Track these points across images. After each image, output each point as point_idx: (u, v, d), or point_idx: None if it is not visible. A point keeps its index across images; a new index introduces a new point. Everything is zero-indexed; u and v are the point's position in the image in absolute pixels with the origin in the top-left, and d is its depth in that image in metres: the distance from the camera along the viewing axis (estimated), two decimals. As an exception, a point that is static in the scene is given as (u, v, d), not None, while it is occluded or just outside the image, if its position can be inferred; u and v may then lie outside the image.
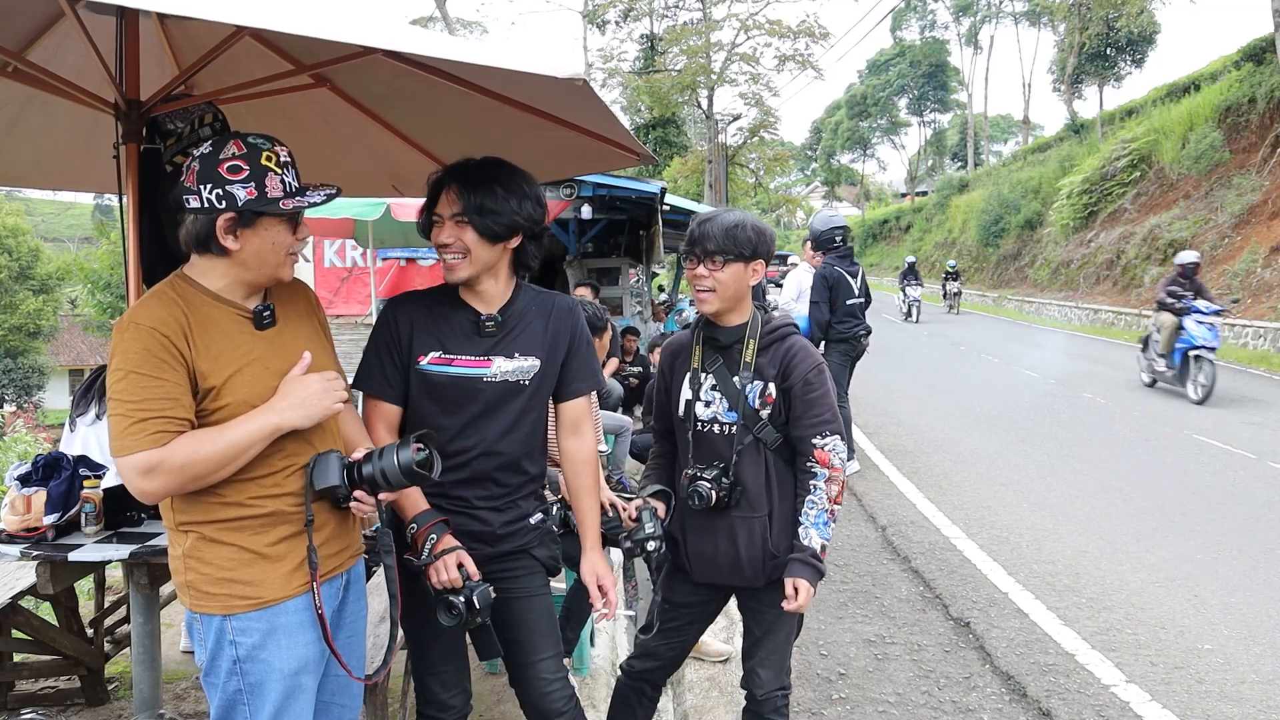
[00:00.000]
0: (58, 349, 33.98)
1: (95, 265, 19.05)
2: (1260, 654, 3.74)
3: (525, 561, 2.17)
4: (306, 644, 1.78)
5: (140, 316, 1.67)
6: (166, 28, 3.01)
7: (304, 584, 1.77)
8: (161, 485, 1.63)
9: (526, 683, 2.17)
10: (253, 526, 1.73)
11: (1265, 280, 15.01)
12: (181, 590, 1.77)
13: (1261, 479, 6.50)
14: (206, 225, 1.68)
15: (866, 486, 6.61)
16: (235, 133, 1.74)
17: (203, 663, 1.78)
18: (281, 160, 1.73)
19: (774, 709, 2.38)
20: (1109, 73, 32.72)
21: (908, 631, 4.09)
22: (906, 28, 49.72)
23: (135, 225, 2.76)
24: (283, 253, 1.76)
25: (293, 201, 1.72)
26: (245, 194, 1.67)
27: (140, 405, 1.62)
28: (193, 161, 1.70)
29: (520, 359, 2.05)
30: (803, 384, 2.22)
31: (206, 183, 1.67)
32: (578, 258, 11.31)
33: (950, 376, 12.42)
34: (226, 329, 1.73)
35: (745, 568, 2.27)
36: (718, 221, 2.19)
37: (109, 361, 1.69)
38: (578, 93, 2.06)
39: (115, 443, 1.63)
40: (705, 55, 29.50)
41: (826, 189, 60.17)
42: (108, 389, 1.66)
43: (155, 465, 1.61)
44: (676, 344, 2.42)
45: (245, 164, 1.68)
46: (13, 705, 3.25)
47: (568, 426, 2.18)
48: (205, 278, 1.75)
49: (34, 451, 10.38)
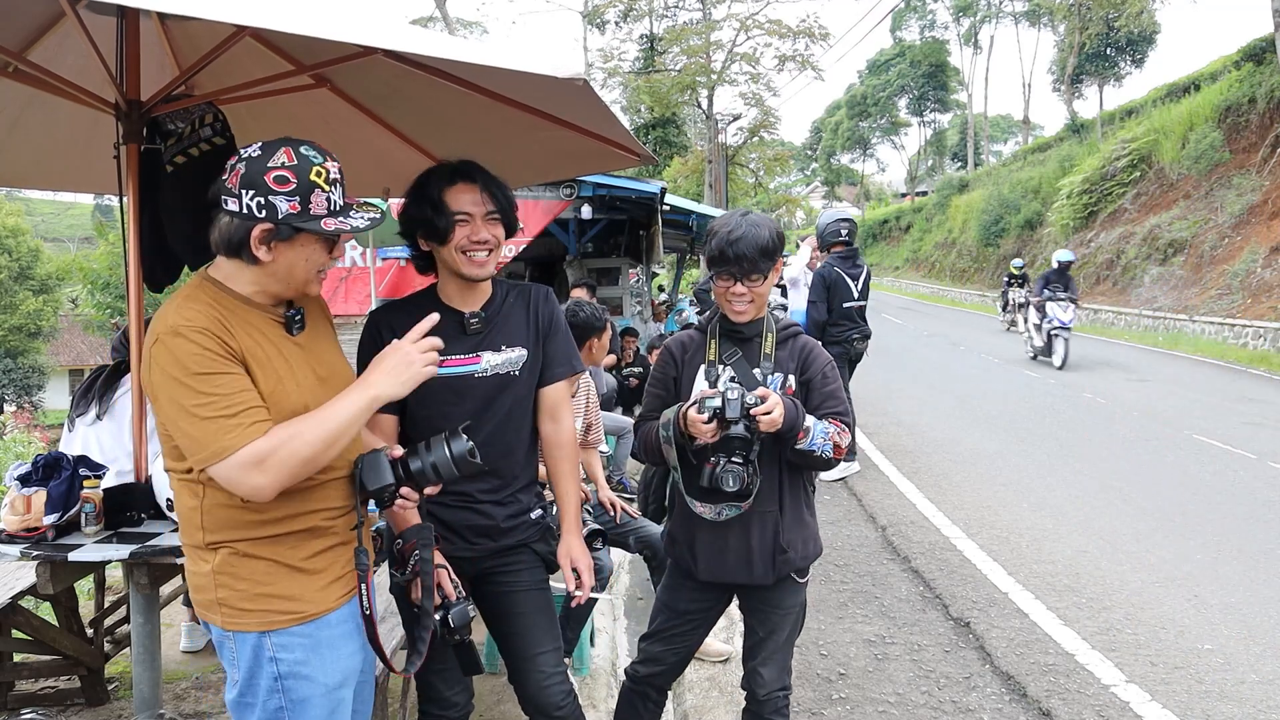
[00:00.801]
0: (58, 349, 33.99)
1: (95, 266, 19.02)
2: (1260, 654, 3.75)
3: (526, 556, 2.19)
4: (350, 655, 1.76)
5: (183, 321, 1.58)
6: (167, 28, 3.01)
7: (345, 595, 1.75)
8: (274, 478, 1.55)
9: (526, 676, 2.18)
10: (289, 540, 1.67)
11: (1265, 280, 15.01)
12: (210, 609, 1.68)
13: (1261, 479, 6.50)
14: (241, 232, 1.61)
15: (866, 486, 6.61)
16: (288, 139, 1.64)
17: (234, 683, 1.70)
18: (330, 176, 1.64)
19: (775, 709, 2.38)
20: (1109, 73, 32.77)
21: (908, 631, 4.09)
22: (906, 28, 49.71)
23: (135, 225, 2.76)
24: (314, 270, 1.70)
25: (335, 222, 1.64)
26: (288, 207, 1.60)
27: (225, 401, 1.54)
28: (239, 162, 1.61)
29: (508, 350, 2.10)
30: (820, 377, 2.30)
31: (249, 188, 1.59)
32: (577, 258, 11.31)
33: (950, 376, 12.41)
34: (266, 333, 1.68)
35: (756, 564, 2.28)
36: (749, 241, 2.16)
37: (147, 375, 1.60)
38: (578, 93, 2.07)
39: (208, 448, 1.53)
40: (705, 55, 29.51)
41: (826, 189, 60.18)
42: (164, 403, 1.57)
43: (266, 456, 1.54)
44: (685, 338, 2.42)
45: (293, 176, 1.60)
46: (13, 705, 3.25)
47: (546, 411, 2.20)
48: (233, 281, 1.68)
49: (29, 453, 10.38)
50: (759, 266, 2.17)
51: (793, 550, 2.28)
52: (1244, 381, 11.15)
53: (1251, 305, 14.69)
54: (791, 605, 2.37)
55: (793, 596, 2.36)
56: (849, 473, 6.86)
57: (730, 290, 2.22)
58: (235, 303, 1.66)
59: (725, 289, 2.22)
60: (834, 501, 6.29)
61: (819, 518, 2.48)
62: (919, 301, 30.64)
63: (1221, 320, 14.94)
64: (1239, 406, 9.45)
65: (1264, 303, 14.50)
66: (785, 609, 2.36)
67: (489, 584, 2.19)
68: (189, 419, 1.54)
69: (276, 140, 1.64)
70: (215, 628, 1.70)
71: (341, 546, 1.76)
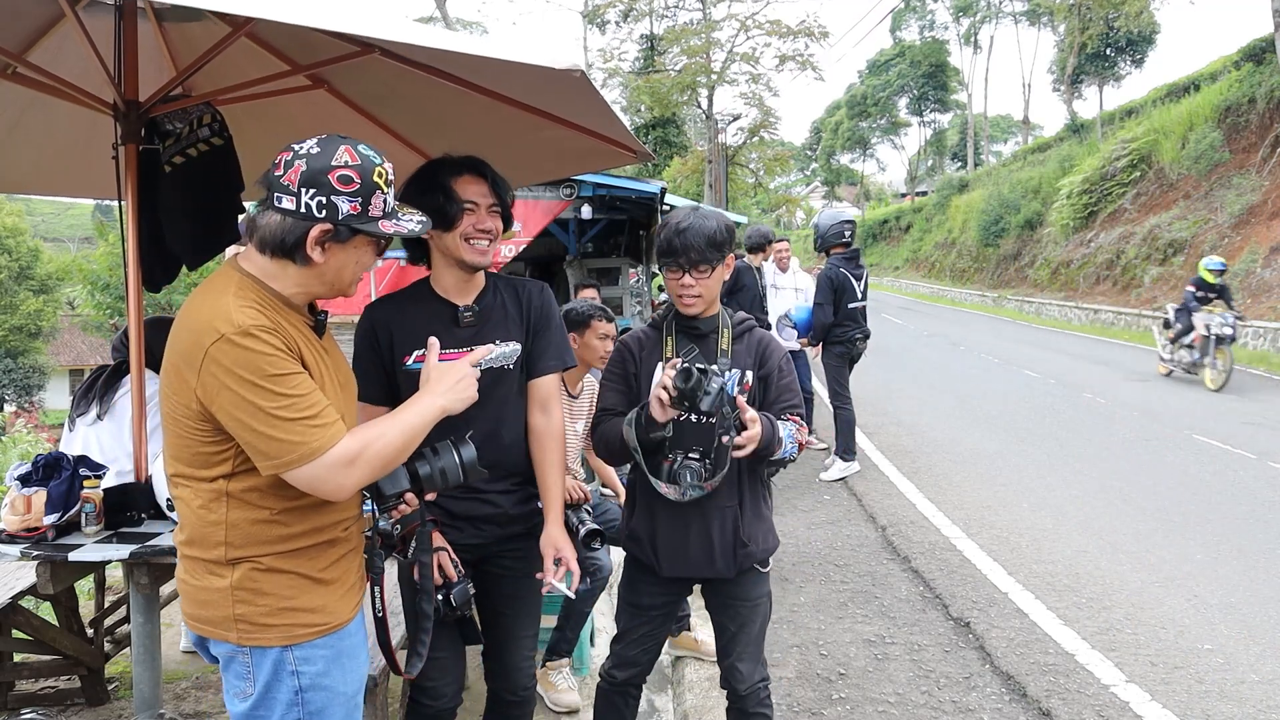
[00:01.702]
0: (58, 349, 34.00)
1: (95, 266, 19.00)
2: (1260, 654, 3.74)
3: (530, 544, 2.23)
4: (364, 662, 1.78)
5: (251, 322, 1.51)
6: (164, 29, 3.02)
7: (358, 603, 1.76)
8: (362, 475, 1.55)
9: (505, 655, 2.26)
10: (310, 553, 1.65)
11: (1265, 280, 15.02)
12: (222, 625, 1.61)
13: (1261, 479, 6.50)
14: (297, 232, 1.55)
15: (866, 486, 6.61)
16: (342, 137, 1.60)
17: (245, 696, 1.64)
18: (389, 178, 1.61)
19: (759, 701, 2.41)
20: (1109, 73, 32.75)
21: (908, 631, 4.09)
22: (906, 28, 49.72)
23: (135, 226, 2.76)
24: (361, 272, 1.67)
25: (392, 224, 1.62)
26: (349, 208, 1.56)
27: (306, 402, 1.51)
28: (296, 159, 1.55)
29: (502, 345, 2.13)
30: (778, 371, 2.30)
31: (310, 187, 1.53)
32: (578, 258, 11.32)
33: (950, 376, 12.41)
34: (306, 337, 1.65)
35: (717, 558, 2.28)
36: (697, 230, 2.19)
37: (205, 374, 1.50)
38: (575, 87, 2.07)
39: (297, 449, 1.49)
40: (705, 55, 29.51)
41: (826, 189, 60.16)
42: (232, 405, 1.49)
43: (357, 455, 1.53)
44: (640, 334, 2.41)
45: (358, 176, 1.56)
46: (13, 705, 3.25)
47: (537, 403, 2.22)
48: (273, 280, 1.61)
49: (34, 452, 10.37)
50: (706, 257, 2.18)
51: (754, 544, 2.31)
52: (1244, 381, 11.15)
53: (1251, 305, 14.69)
54: (759, 596, 2.38)
55: (758, 588, 2.37)
56: (849, 473, 6.85)
57: (679, 282, 2.23)
58: (276, 303, 1.61)
59: (675, 281, 2.24)
60: (834, 501, 6.29)
61: (819, 517, 2.49)
62: (918, 301, 30.64)
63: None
64: (1239, 406, 9.45)
65: (1264, 303, 14.51)
66: (753, 601, 2.37)
67: (492, 566, 2.24)
68: (269, 421, 1.49)
69: (333, 137, 1.59)
70: (225, 644, 1.63)
71: (352, 554, 1.76)
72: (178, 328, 1.57)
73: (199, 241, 3.09)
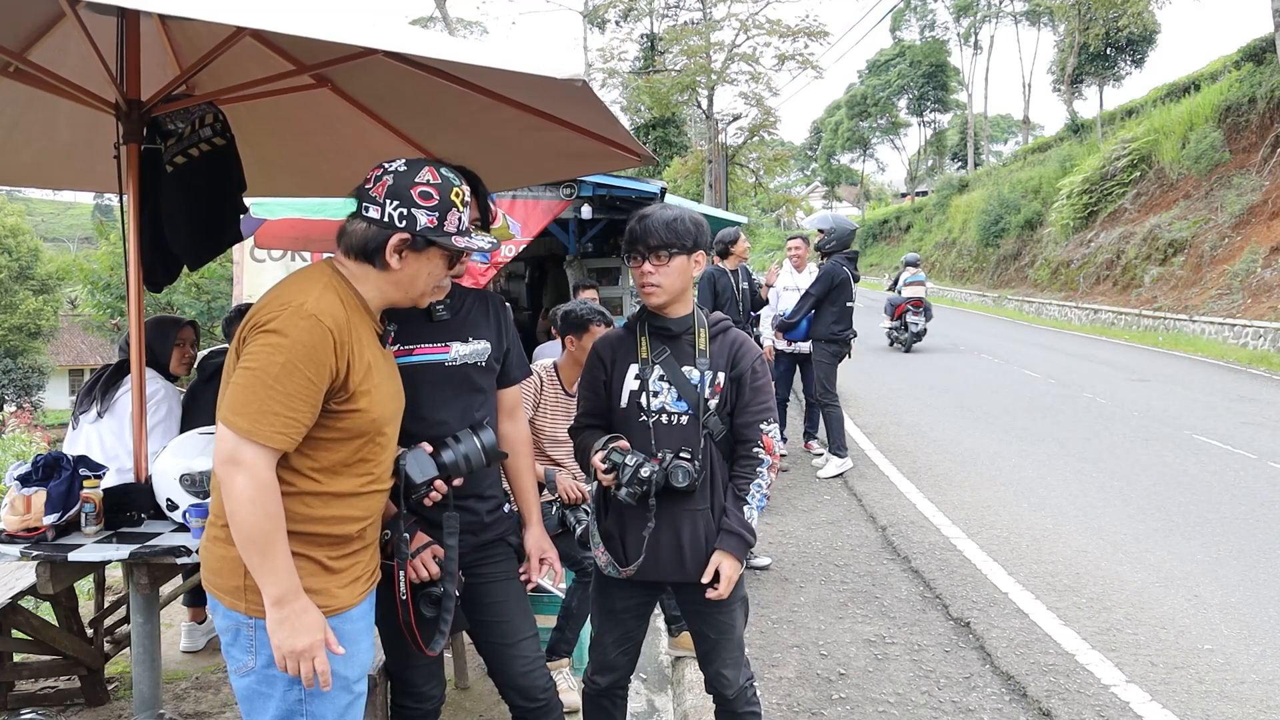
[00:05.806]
0: (58, 349, 34.01)
1: (95, 266, 18.99)
2: (1260, 654, 3.75)
3: (503, 549, 2.29)
4: (366, 651, 1.82)
5: (321, 309, 1.65)
6: (168, 28, 3.01)
7: (364, 592, 1.81)
8: (234, 485, 1.58)
9: (509, 663, 2.23)
10: (324, 540, 1.73)
11: (1265, 280, 15.01)
12: (233, 594, 1.69)
13: (1261, 479, 6.50)
14: (379, 238, 1.74)
15: (866, 486, 6.61)
16: (430, 159, 1.81)
17: (248, 671, 1.71)
18: (465, 200, 1.80)
19: (747, 701, 2.40)
20: (1109, 73, 32.75)
21: (908, 631, 4.09)
22: (906, 28, 49.70)
23: (135, 225, 2.76)
24: (432, 284, 1.85)
25: (464, 240, 1.80)
26: (426, 221, 1.74)
27: (292, 402, 1.60)
28: (384, 175, 1.76)
29: (475, 342, 2.18)
30: (750, 373, 2.28)
31: (394, 199, 1.73)
32: (578, 258, 11.31)
33: (950, 376, 12.41)
34: (369, 342, 1.77)
35: (688, 561, 2.25)
36: (656, 217, 2.20)
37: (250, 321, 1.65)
38: (577, 93, 2.07)
39: (250, 420, 1.57)
40: (705, 55, 29.50)
41: (826, 189, 60.14)
42: (250, 355, 1.61)
43: (260, 479, 1.57)
44: (612, 337, 2.40)
45: (436, 193, 1.76)
46: (13, 705, 3.25)
47: (505, 412, 2.32)
48: (360, 283, 1.78)
49: (30, 452, 10.37)
50: (664, 241, 2.17)
51: None
52: (1244, 381, 11.15)
53: (1251, 305, 14.69)
54: (735, 599, 2.33)
55: (734, 591, 2.32)
56: (844, 469, 6.90)
57: (639, 270, 2.22)
58: (355, 304, 1.76)
59: (636, 270, 2.24)
60: (834, 501, 6.29)
61: (819, 518, 2.49)
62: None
63: (1221, 320, 14.95)
64: (1239, 406, 9.45)
65: (1264, 303, 14.50)
66: (730, 604, 2.33)
67: (469, 576, 2.22)
68: (260, 384, 1.59)
69: (421, 159, 1.82)
70: (235, 613, 1.69)
71: (364, 551, 1.83)
72: (262, 301, 1.72)
73: (200, 242, 3.09)
